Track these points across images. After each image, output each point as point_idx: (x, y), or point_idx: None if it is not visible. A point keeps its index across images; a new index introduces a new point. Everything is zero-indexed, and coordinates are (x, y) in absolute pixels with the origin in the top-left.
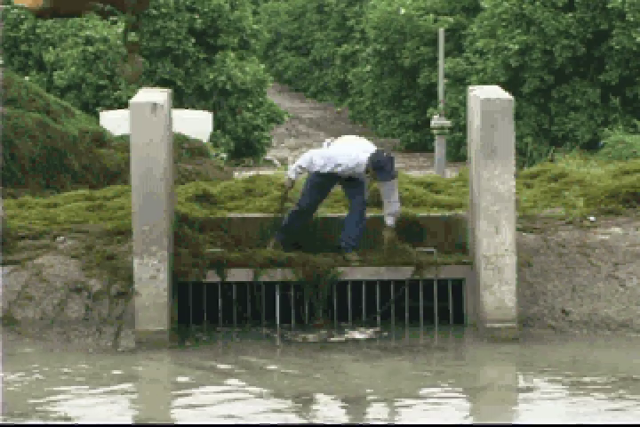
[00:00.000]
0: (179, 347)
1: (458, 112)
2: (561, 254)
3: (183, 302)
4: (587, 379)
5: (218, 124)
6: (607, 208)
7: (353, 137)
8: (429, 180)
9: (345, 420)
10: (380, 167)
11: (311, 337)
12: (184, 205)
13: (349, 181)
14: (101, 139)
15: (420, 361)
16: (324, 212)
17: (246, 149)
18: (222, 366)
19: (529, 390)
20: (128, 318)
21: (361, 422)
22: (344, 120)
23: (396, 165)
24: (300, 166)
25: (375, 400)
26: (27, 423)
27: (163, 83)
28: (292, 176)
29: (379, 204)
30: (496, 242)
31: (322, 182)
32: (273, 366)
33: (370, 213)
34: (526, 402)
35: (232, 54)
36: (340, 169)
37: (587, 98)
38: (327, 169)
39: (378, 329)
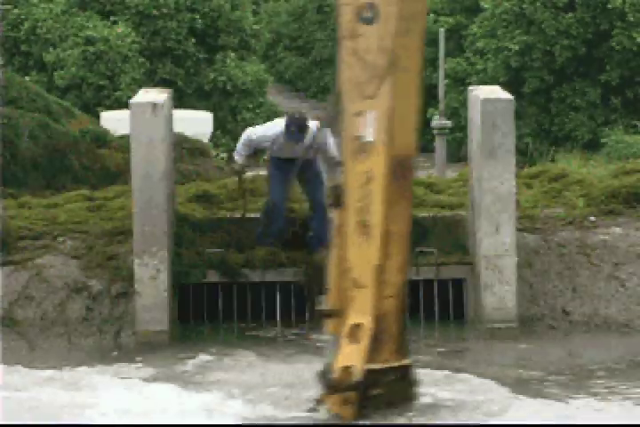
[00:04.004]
0: (179, 347)
1: (458, 112)
2: (561, 255)
3: (183, 303)
4: (587, 379)
5: (218, 124)
6: (607, 208)
7: None
8: (430, 180)
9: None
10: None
11: (312, 337)
12: (184, 206)
13: (305, 171)
14: (102, 139)
15: (420, 361)
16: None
17: None
18: (222, 367)
19: (529, 390)
20: (128, 319)
21: (361, 422)
22: None
23: None
24: (242, 144)
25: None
26: (27, 423)
27: (163, 83)
28: (237, 158)
29: None
30: (496, 242)
31: (279, 172)
32: (274, 367)
33: None
34: (526, 402)
35: (232, 54)
36: (271, 134)
37: (587, 98)
38: (263, 141)
39: None
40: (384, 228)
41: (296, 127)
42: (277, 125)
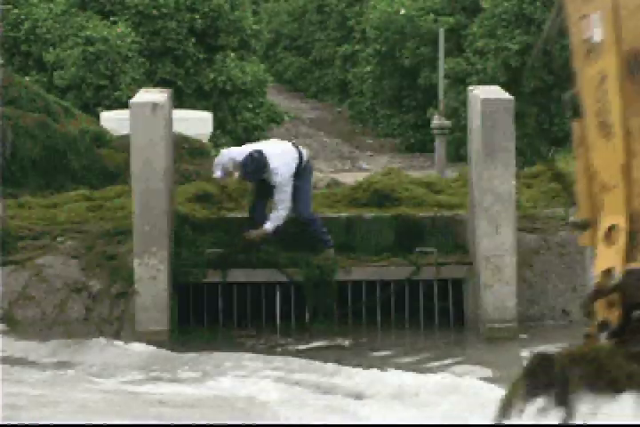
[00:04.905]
0: (178, 347)
1: (458, 112)
2: (561, 254)
3: (183, 303)
4: None
5: (218, 124)
6: None
7: (277, 141)
8: (429, 180)
9: (346, 420)
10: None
11: (313, 338)
12: (184, 206)
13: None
14: (101, 139)
15: (420, 361)
16: (324, 211)
17: None
18: (222, 366)
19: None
20: (128, 319)
21: (361, 423)
22: (344, 120)
23: (396, 165)
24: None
25: (376, 400)
26: (26, 423)
27: (163, 83)
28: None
29: (378, 203)
30: (496, 242)
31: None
32: (276, 366)
33: (370, 214)
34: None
35: (232, 54)
36: (240, 160)
37: None
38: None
39: (378, 329)
40: (624, 125)
41: (252, 168)
42: (243, 154)
